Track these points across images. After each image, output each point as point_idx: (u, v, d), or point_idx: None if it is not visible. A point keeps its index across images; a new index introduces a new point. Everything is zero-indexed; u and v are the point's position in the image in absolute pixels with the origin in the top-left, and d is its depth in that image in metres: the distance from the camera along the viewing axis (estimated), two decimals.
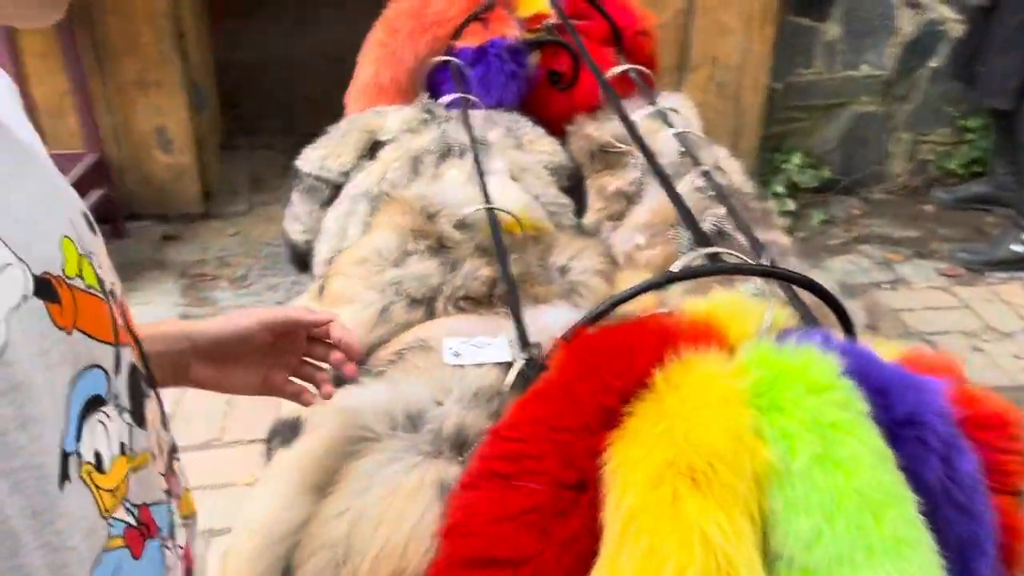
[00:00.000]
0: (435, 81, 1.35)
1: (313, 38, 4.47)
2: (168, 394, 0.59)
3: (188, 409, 1.92)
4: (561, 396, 0.62)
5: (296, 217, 1.37)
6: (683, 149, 1.20)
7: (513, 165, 1.22)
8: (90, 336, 0.42)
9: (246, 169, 3.02)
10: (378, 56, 1.36)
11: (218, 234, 2.69)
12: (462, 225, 0.96)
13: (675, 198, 0.82)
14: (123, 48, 2.47)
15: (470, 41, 1.34)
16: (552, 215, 1.20)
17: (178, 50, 2.52)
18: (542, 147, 1.29)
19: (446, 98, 1.28)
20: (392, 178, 1.21)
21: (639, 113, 1.28)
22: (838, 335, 0.69)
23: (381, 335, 0.88)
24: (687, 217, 0.79)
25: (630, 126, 1.03)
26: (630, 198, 1.22)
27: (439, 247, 0.94)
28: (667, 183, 0.86)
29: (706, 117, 2.83)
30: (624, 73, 1.34)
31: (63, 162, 2.43)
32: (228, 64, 4.22)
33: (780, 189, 2.87)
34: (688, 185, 1.12)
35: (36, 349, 0.37)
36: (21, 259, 0.38)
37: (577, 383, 0.62)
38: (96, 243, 0.48)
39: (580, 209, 1.26)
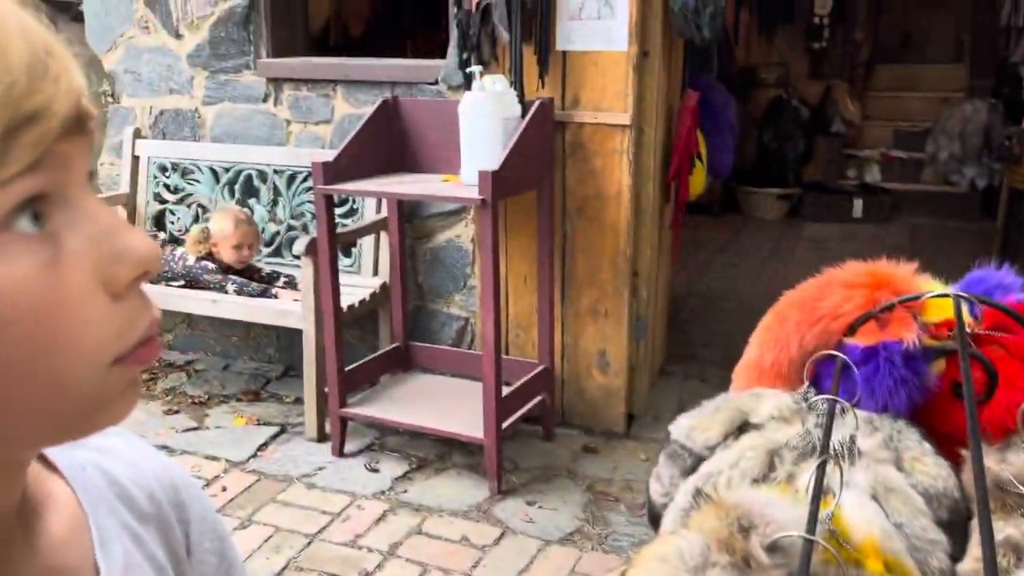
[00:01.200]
0: (819, 374, 1.31)
1: (779, 276, 4.58)
2: None
3: None
4: None
5: (658, 477, 1.41)
6: None
7: (878, 482, 1.11)
8: None
9: (673, 397, 3.15)
10: (764, 340, 1.37)
11: (631, 456, 2.83)
12: (775, 548, 0.90)
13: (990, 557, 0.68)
14: (585, 281, 2.84)
15: (863, 339, 1.28)
16: (915, 551, 1.06)
17: (629, 286, 2.82)
18: (924, 467, 1.16)
19: (822, 396, 1.24)
20: (744, 467, 1.19)
21: None
22: None
23: None
24: None
25: (979, 465, 0.88)
26: (1021, 554, 1.01)
27: (744, 566, 0.90)
28: (989, 543, 0.72)
29: None
30: None
31: (520, 367, 2.83)
32: (688, 292, 4.53)
33: None
34: None
35: None
36: None
37: None
38: None
39: (959, 552, 1.09)
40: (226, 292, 3.01)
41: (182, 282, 3.08)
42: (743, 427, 1.33)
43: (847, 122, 6.76)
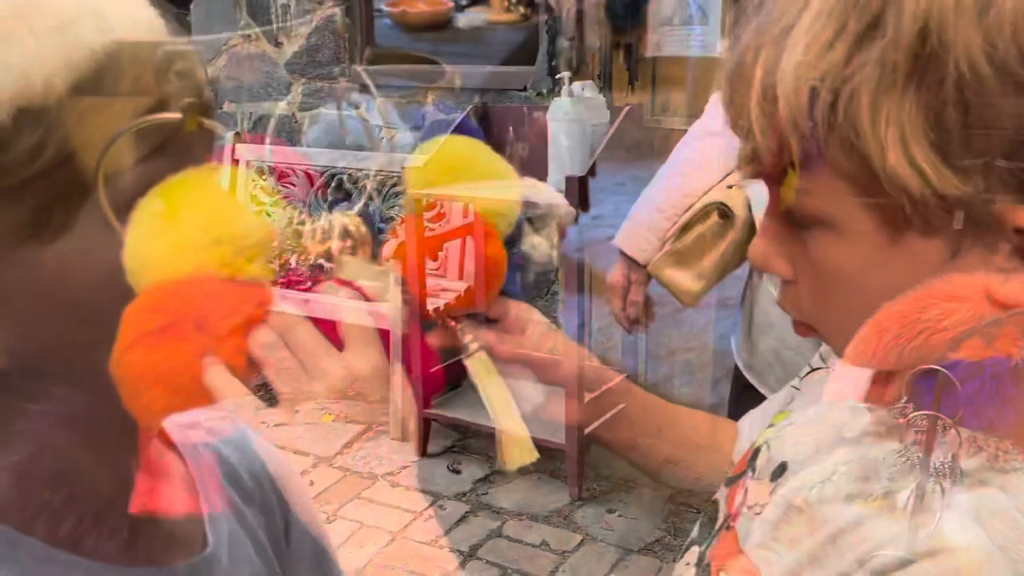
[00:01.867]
0: (919, 390, 1.27)
1: None
2: None
3: None
4: None
5: (746, 490, 1.39)
6: None
7: (982, 504, 1.07)
8: None
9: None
10: (861, 352, 1.33)
11: (714, 468, 2.77)
12: (871, 567, 0.88)
13: None
14: None
15: (968, 354, 1.23)
16: None
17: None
18: None
19: (921, 412, 1.19)
20: (837, 482, 1.16)
21: None
22: None
23: None
24: None
25: None
26: None
27: None
28: None
29: None
30: None
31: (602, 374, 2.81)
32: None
33: None
34: None
35: None
36: None
37: None
38: None
39: None
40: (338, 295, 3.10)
41: (308, 284, 3.18)
42: (836, 441, 1.30)
43: None
